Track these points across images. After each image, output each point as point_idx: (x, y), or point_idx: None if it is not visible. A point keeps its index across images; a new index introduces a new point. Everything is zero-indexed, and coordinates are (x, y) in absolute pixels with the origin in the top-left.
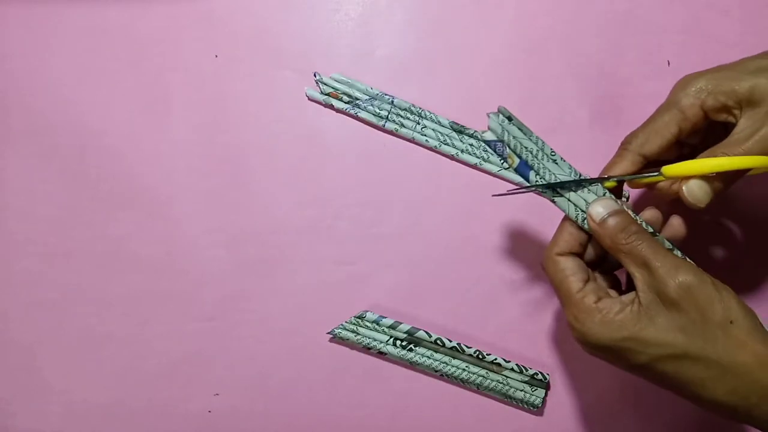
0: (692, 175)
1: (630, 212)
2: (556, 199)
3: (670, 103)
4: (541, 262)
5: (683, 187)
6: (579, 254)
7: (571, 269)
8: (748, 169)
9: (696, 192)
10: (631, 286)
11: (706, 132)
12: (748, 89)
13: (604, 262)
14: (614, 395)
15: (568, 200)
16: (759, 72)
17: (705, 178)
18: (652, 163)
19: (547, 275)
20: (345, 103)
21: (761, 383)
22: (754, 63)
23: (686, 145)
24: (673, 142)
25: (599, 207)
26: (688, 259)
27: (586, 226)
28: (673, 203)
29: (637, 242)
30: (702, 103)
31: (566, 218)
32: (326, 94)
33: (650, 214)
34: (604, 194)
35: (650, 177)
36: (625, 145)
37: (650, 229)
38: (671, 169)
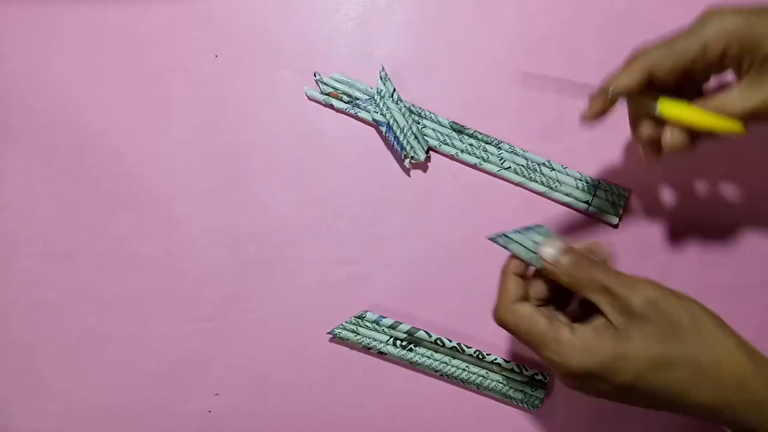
0: (680, 123)
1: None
2: (509, 246)
3: (694, 31)
4: (496, 317)
5: (667, 131)
6: (526, 300)
7: (531, 312)
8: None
9: (677, 139)
10: (586, 313)
11: (718, 70)
12: None
13: (555, 297)
14: None
15: (519, 243)
16: None
17: (689, 129)
18: (651, 88)
19: (506, 327)
20: (345, 102)
21: (736, 377)
22: None
23: (690, 81)
24: (682, 69)
25: (549, 249)
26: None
27: (537, 265)
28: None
29: (592, 273)
30: (726, 46)
31: (506, 269)
32: (326, 94)
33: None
34: (547, 234)
35: (648, 105)
36: (636, 56)
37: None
38: (668, 108)
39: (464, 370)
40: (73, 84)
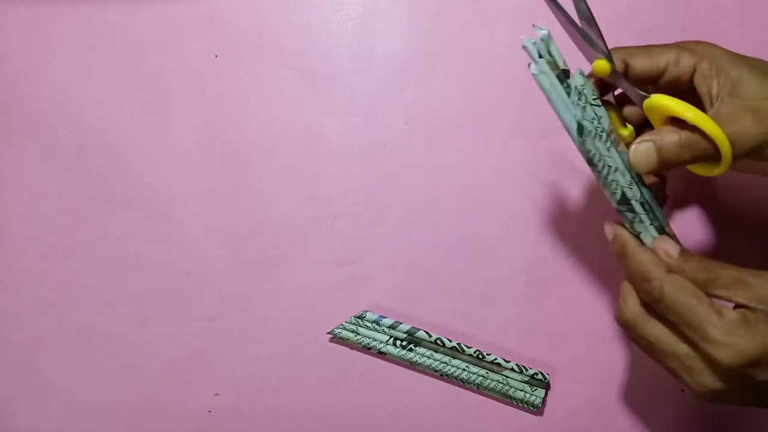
0: (644, 139)
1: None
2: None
3: (683, 46)
4: (659, 292)
5: (633, 145)
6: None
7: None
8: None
9: (641, 156)
10: None
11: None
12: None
13: None
14: (614, 395)
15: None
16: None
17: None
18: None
19: (670, 309)
20: None
21: None
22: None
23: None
24: (656, 74)
25: (669, 245)
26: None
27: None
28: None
29: (719, 270)
30: (700, 59)
31: (634, 246)
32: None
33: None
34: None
35: (635, 92)
36: (617, 49)
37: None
38: (659, 99)
39: (464, 370)
40: (73, 84)
